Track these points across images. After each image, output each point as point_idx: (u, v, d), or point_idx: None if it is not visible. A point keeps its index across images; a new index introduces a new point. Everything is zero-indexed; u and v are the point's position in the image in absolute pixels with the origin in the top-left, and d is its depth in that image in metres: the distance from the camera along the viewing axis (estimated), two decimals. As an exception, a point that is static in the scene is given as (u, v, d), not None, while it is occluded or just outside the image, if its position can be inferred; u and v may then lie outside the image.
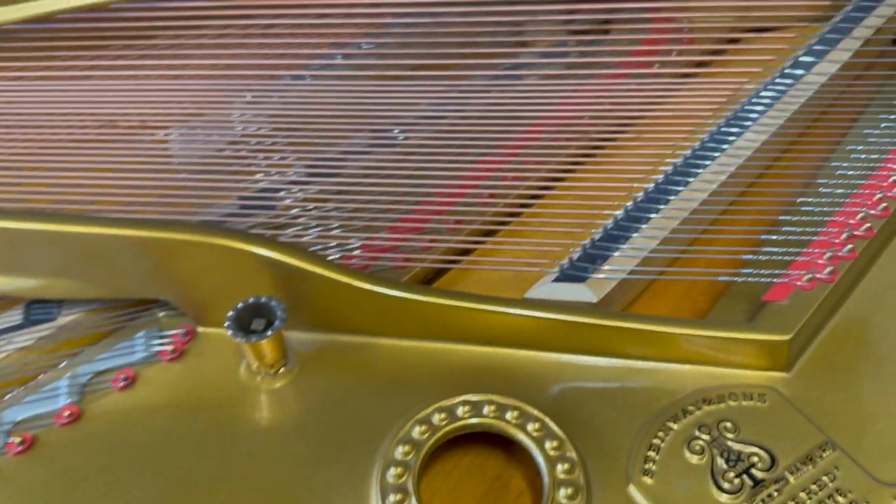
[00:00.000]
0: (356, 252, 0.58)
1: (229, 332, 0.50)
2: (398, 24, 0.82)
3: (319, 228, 0.59)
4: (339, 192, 0.62)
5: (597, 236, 0.57)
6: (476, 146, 0.65)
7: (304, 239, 0.58)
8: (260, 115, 0.70)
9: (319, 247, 0.58)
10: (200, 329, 0.57)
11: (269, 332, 0.49)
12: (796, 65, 0.70)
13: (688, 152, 0.63)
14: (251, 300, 0.51)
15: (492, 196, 0.63)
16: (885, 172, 0.60)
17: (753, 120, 0.65)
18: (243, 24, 0.79)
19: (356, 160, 0.65)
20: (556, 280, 0.55)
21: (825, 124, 0.66)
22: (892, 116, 0.65)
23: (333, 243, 0.58)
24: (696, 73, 0.74)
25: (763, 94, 0.68)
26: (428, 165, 0.63)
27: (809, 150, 0.63)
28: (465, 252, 0.59)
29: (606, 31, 0.79)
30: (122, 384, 0.54)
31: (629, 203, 0.59)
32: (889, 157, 0.61)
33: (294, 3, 0.79)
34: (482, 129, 0.66)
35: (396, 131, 0.68)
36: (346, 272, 0.52)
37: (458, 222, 0.61)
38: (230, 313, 0.51)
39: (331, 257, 0.57)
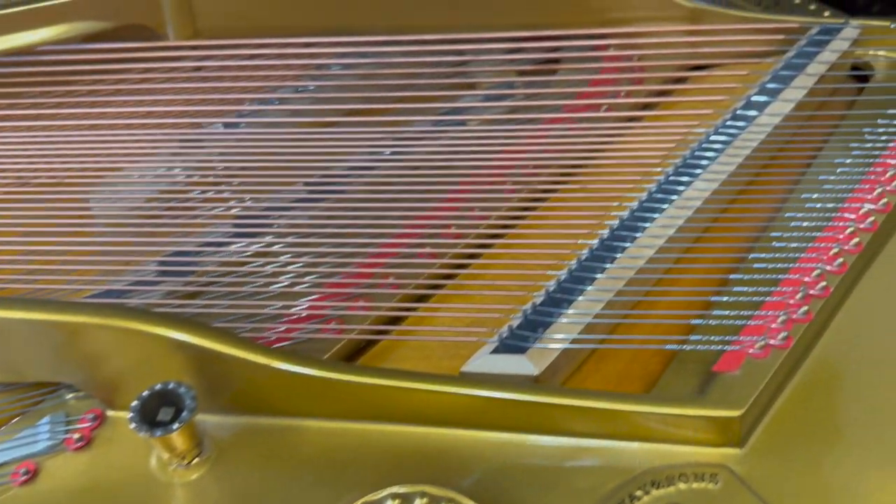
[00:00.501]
0: (278, 323, 0.54)
1: (133, 426, 0.46)
2: (330, 65, 0.77)
3: (237, 295, 0.55)
4: (261, 254, 0.58)
5: (538, 300, 0.53)
6: (410, 199, 0.61)
7: (220, 309, 0.54)
8: (180, 168, 0.66)
9: (236, 317, 0.54)
10: (110, 413, 0.52)
11: (176, 426, 0.45)
12: (748, 105, 0.68)
13: (634, 204, 0.59)
14: (157, 387, 0.47)
15: (430, 255, 0.59)
16: (841, 223, 0.57)
17: (703, 167, 0.62)
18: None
19: (281, 217, 0.61)
20: (495, 351, 0.51)
21: (777, 170, 0.62)
22: (848, 161, 0.62)
23: (251, 312, 0.54)
24: (643, 116, 0.71)
25: (714, 137, 0.65)
26: (358, 222, 0.59)
27: (761, 198, 0.60)
28: (398, 320, 0.56)
29: (553, 71, 0.76)
30: (22, 479, 0.50)
31: (573, 262, 0.56)
32: (845, 205, 0.58)
33: (218, 44, 0.75)
34: (417, 180, 0.63)
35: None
36: (261, 351, 0.48)
37: (391, 286, 0.57)
38: (134, 403, 0.46)
39: (248, 331, 0.53)
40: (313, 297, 0.55)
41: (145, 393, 0.47)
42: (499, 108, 0.71)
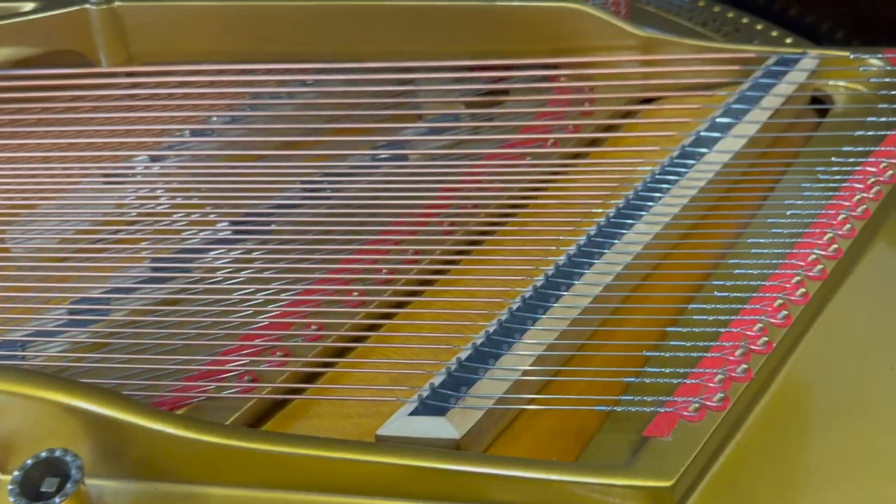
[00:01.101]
0: (183, 378, 0.50)
1: (12, 499, 0.42)
2: (264, 94, 0.74)
3: (140, 348, 0.51)
4: (170, 301, 0.55)
5: (464, 355, 0.50)
6: (337, 240, 0.58)
7: (120, 363, 0.50)
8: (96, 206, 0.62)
9: (139, 371, 0.50)
10: (1, 476, 0.49)
11: (58, 499, 0.41)
12: (697, 141, 0.65)
13: (572, 248, 0.56)
14: (43, 455, 0.43)
15: (355, 303, 0.56)
16: (787, 270, 0.54)
17: (646, 209, 0.59)
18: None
19: (196, 259, 0.58)
20: (415, 412, 0.48)
21: (724, 212, 0.59)
22: (799, 202, 0.59)
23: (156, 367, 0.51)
24: (589, 153, 0.68)
25: (659, 176, 0.62)
26: (273, 265, 0.56)
27: (705, 243, 0.57)
28: (316, 376, 0.52)
29: (500, 103, 0.73)
30: None
31: (504, 313, 0.52)
32: (793, 250, 0.55)
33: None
34: (347, 219, 0.60)
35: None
36: (159, 417, 0.45)
37: (310, 338, 0.54)
38: (15, 473, 0.43)
39: (150, 388, 0.50)
40: (224, 349, 0.52)
41: (29, 462, 0.43)
42: (441, 141, 0.69)
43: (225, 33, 0.75)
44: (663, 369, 0.48)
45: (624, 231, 0.57)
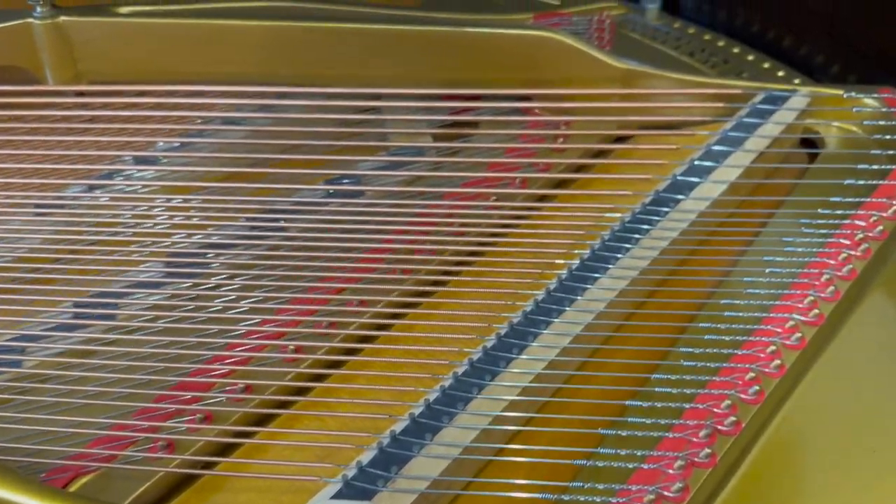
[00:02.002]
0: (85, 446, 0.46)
1: None
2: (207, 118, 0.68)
3: (38, 405, 0.47)
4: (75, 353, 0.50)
5: (399, 427, 0.45)
6: (269, 288, 0.54)
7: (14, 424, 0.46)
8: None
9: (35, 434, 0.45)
10: None
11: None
12: (673, 186, 0.60)
13: (529, 305, 0.51)
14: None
15: (288, 360, 0.51)
16: (762, 338, 0.49)
17: (612, 261, 0.54)
18: None
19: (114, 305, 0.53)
20: (338, 495, 0.43)
21: (695, 268, 0.54)
22: (780, 259, 0.54)
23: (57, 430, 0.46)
24: (554, 196, 0.63)
25: (629, 223, 0.57)
26: (193, 314, 0.51)
27: (670, 303, 0.52)
28: (229, 448, 0.47)
29: (464, 135, 0.68)
30: None
31: (447, 378, 0.48)
32: (770, 314, 0.50)
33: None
34: (279, 264, 0.55)
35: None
36: (37, 493, 0.40)
37: (232, 400, 0.49)
38: None
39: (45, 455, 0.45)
40: (132, 412, 0.47)
41: None
42: (399, 177, 0.64)
43: (178, 52, 0.70)
44: (618, 451, 0.43)
45: (587, 286, 0.52)
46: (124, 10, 0.71)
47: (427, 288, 0.55)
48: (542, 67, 0.70)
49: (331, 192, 0.62)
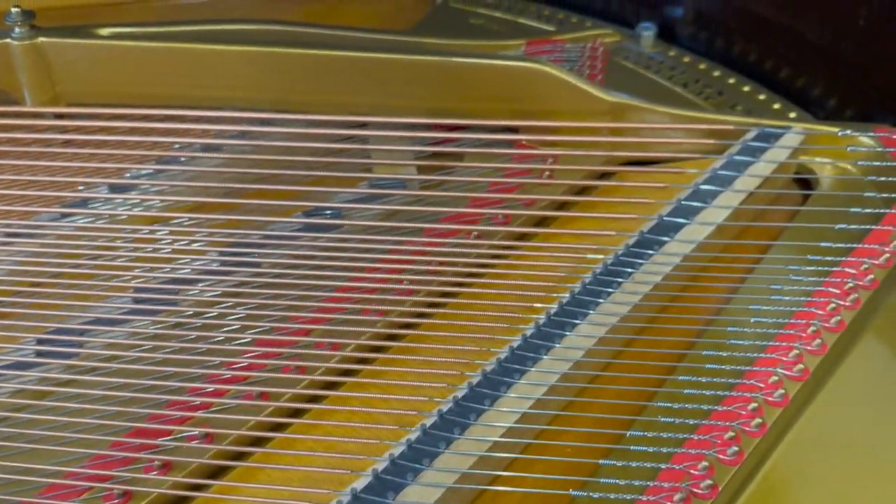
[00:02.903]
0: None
1: None
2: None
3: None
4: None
5: (380, 466, 0.43)
6: (241, 326, 0.52)
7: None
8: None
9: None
10: None
11: None
12: (659, 227, 0.58)
13: (504, 352, 0.49)
14: None
15: (262, 396, 0.49)
16: (744, 394, 0.47)
17: (593, 305, 0.52)
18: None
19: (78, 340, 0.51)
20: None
21: (676, 316, 0.52)
22: (765, 307, 0.52)
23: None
24: (534, 234, 0.61)
25: (612, 266, 0.55)
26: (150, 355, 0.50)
27: (650, 353, 0.49)
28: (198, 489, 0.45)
29: (450, 169, 0.67)
30: None
31: (415, 430, 0.46)
32: (753, 368, 0.48)
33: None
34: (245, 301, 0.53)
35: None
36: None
37: (204, 438, 0.47)
38: None
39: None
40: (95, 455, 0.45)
41: None
42: (377, 210, 0.62)
43: (159, 76, 0.69)
44: (618, 481, 0.42)
45: (565, 333, 0.51)
46: (105, 31, 0.70)
47: (396, 331, 0.53)
48: (530, 99, 0.68)
49: (308, 223, 0.61)
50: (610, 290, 0.53)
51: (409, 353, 0.51)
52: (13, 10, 0.67)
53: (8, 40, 0.67)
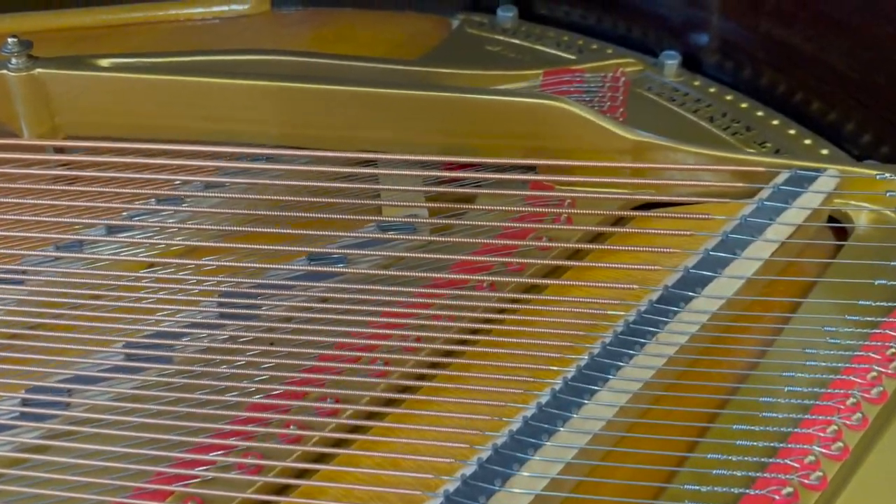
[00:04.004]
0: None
1: None
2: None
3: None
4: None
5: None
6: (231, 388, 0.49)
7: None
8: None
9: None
10: None
11: None
12: (683, 281, 0.54)
13: (517, 421, 0.46)
14: None
15: (252, 470, 0.46)
16: (776, 475, 0.43)
17: (610, 371, 0.48)
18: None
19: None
20: None
21: (697, 383, 0.48)
22: (798, 374, 0.48)
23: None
24: (545, 286, 0.57)
25: (634, 323, 0.51)
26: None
27: (668, 426, 0.46)
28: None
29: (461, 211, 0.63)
30: None
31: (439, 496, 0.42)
32: (786, 444, 0.44)
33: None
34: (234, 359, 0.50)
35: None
36: None
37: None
38: None
39: None
40: None
41: None
42: (383, 256, 0.59)
43: (160, 108, 0.66)
44: None
45: (583, 401, 0.47)
46: (105, 62, 0.67)
47: (394, 396, 0.49)
48: (547, 136, 0.64)
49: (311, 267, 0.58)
50: (632, 352, 0.49)
51: (409, 422, 0.48)
52: (10, 39, 0.64)
53: (4, 71, 0.65)
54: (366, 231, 0.61)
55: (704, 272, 0.54)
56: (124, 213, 0.62)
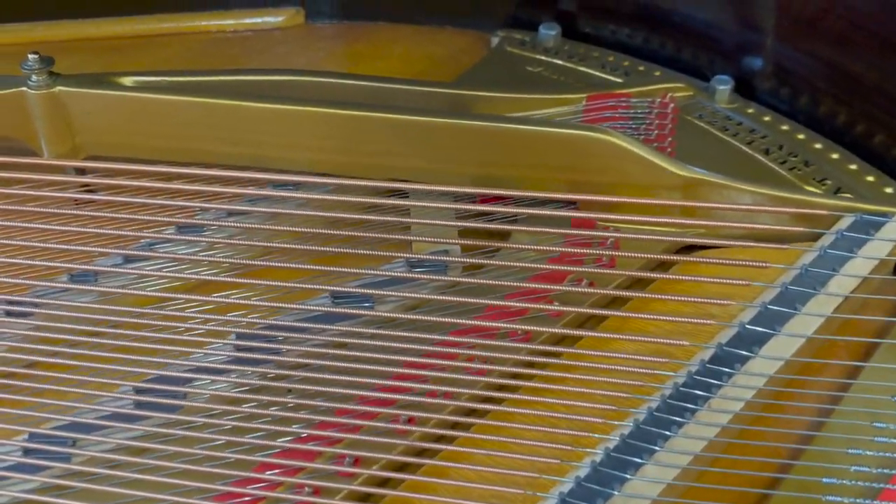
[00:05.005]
0: None
1: None
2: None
3: None
4: None
5: None
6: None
7: None
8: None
9: None
10: None
11: None
12: (738, 339, 0.50)
13: (565, 487, 0.42)
14: None
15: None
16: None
17: (658, 442, 0.44)
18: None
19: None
20: None
21: (749, 458, 0.44)
22: (868, 453, 0.43)
23: None
24: (582, 337, 0.52)
25: (684, 387, 0.47)
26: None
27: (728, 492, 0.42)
28: None
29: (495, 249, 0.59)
30: None
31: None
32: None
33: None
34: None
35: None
36: None
37: None
38: None
39: None
40: None
41: None
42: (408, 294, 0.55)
43: (183, 130, 0.63)
44: None
45: (626, 476, 0.43)
46: (128, 81, 0.64)
47: (410, 461, 0.46)
48: (591, 170, 0.60)
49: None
50: (682, 419, 0.45)
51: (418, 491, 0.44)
52: (30, 56, 0.62)
53: (24, 88, 0.62)
54: (395, 267, 0.58)
55: (761, 328, 0.50)
56: (143, 241, 0.60)
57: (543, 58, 0.84)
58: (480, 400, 0.48)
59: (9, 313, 0.55)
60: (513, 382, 0.48)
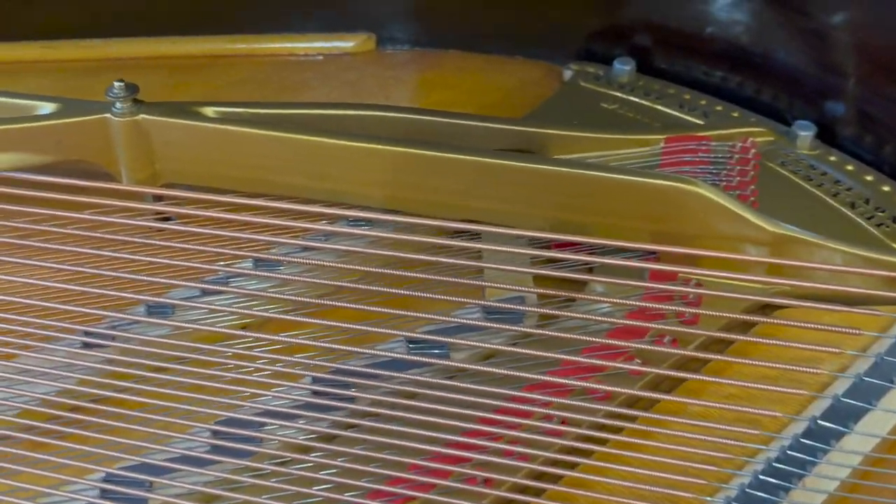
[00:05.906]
0: None
1: None
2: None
3: None
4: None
5: None
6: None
7: None
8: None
9: None
10: None
11: None
12: (831, 412, 0.48)
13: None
14: None
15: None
16: None
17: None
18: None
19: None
20: None
21: None
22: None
23: None
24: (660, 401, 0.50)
25: (777, 461, 0.45)
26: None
27: None
28: None
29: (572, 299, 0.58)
30: None
31: None
32: None
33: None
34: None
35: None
36: None
37: None
38: None
39: None
40: None
41: None
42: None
43: (264, 161, 0.63)
44: None
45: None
46: (209, 111, 0.64)
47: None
48: (672, 220, 0.58)
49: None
50: (776, 499, 0.43)
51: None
52: (116, 84, 0.62)
53: (108, 115, 0.63)
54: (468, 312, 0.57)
55: (857, 402, 0.48)
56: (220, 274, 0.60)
57: (619, 94, 0.83)
58: (550, 463, 0.47)
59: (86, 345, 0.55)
60: (584, 446, 0.47)
